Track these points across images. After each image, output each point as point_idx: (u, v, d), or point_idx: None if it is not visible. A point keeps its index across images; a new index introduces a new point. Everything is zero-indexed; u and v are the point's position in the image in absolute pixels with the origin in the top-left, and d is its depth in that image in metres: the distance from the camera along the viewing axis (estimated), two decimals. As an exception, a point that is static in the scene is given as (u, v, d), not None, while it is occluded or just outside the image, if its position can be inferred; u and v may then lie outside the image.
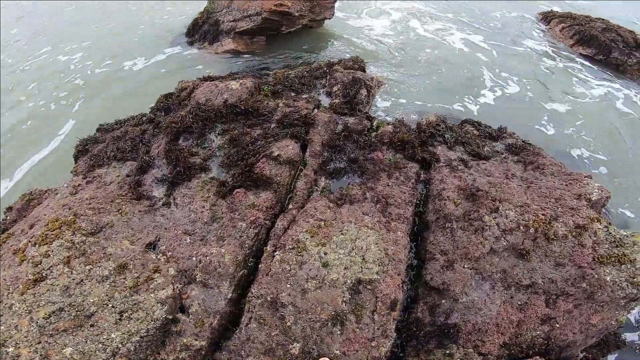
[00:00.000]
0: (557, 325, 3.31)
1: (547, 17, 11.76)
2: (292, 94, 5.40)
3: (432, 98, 6.50)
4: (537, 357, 3.27)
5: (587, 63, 8.97)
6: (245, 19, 8.25)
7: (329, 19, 8.76)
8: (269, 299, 3.18)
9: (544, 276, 3.40)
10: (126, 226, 3.70)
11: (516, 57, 8.73)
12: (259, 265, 3.46)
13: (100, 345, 2.78)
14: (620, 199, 5.46)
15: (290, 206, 4.00)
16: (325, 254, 3.38)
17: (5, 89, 7.48)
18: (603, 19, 10.65)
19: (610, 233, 3.54)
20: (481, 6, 11.39)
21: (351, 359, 3.08)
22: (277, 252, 3.43)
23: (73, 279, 3.07)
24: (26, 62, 8.46)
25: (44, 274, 3.07)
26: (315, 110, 5.02)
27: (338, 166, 4.50)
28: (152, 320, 2.94)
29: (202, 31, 8.98)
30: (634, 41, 9.65)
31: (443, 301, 3.39)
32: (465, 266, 3.50)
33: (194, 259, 3.46)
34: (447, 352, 3.26)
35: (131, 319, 2.93)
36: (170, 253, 3.52)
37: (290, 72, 5.87)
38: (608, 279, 3.27)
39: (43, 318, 2.85)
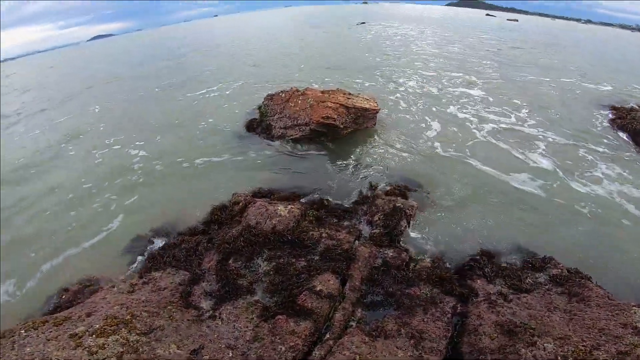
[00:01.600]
0: None
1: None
2: (335, 221, 5.74)
3: (476, 224, 6.39)
4: None
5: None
6: (294, 127, 9.21)
7: (372, 127, 9.56)
8: None
9: None
10: (175, 331, 4.02)
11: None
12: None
13: None
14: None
15: (327, 335, 4.10)
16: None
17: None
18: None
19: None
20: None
21: None
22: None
23: (122, 373, 3.29)
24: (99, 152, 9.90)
25: (97, 362, 3.32)
26: (356, 242, 5.28)
27: (375, 299, 4.62)
28: None
29: (256, 133, 10.08)
30: None
31: None
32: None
33: (234, 372, 3.59)
34: None
35: None
36: (212, 361, 3.69)
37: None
38: None
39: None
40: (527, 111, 11.54)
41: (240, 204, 6.31)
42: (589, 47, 37.08)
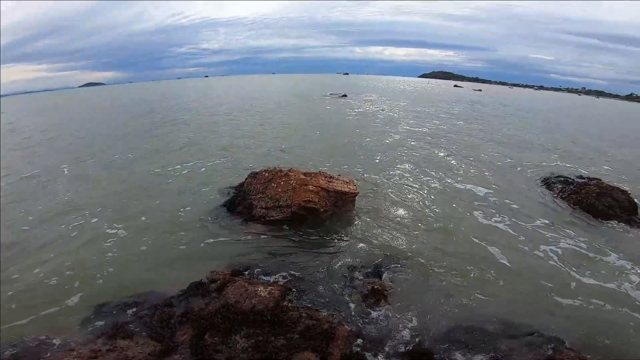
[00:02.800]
0: None
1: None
2: (315, 301, 5.95)
3: (453, 303, 6.41)
4: None
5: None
6: (276, 208, 9.36)
7: (351, 212, 9.82)
8: None
9: None
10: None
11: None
12: None
13: None
14: None
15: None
16: None
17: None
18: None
19: None
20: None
21: None
22: None
23: None
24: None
25: None
26: (336, 321, 5.35)
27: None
28: None
29: (237, 211, 10.07)
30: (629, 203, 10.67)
31: None
32: None
33: None
34: None
35: None
36: None
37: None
38: None
39: None
40: (496, 195, 12.30)
41: (219, 281, 6.27)
42: (543, 116, 41.45)
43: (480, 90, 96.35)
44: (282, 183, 9.83)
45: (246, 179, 11.25)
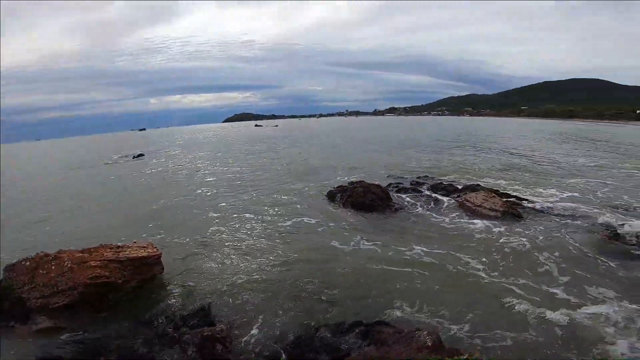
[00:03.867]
0: None
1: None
2: None
3: None
4: None
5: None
6: (57, 294, 7.74)
7: (161, 274, 9.11)
8: None
9: None
10: None
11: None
12: None
13: None
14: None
15: None
16: None
17: None
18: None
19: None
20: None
21: None
22: None
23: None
24: None
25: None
26: None
27: None
28: None
29: (5, 312, 7.75)
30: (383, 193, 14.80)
31: None
32: None
33: None
34: None
35: None
36: None
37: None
38: None
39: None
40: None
41: None
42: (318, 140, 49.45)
43: (277, 125, 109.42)
44: (53, 267, 7.92)
45: (3, 275, 8.79)
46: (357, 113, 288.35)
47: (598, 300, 6.94)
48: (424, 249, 9.89)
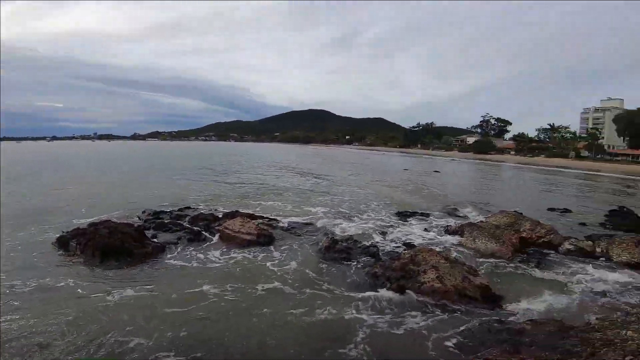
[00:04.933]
0: None
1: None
2: None
3: None
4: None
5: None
6: None
7: None
8: None
9: None
10: None
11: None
12: None
13: None
14: None
15: None
16: None
17: None
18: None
19: None
20: None
21: None
22: None
23: None
24: None
25: None
26: None
27: None
28: None
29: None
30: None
31: None
32: None
33: None
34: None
35: None
36: None
37: None
38: None
39: None
40: None
41: None
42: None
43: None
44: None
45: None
46: (109, 137, 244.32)
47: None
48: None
